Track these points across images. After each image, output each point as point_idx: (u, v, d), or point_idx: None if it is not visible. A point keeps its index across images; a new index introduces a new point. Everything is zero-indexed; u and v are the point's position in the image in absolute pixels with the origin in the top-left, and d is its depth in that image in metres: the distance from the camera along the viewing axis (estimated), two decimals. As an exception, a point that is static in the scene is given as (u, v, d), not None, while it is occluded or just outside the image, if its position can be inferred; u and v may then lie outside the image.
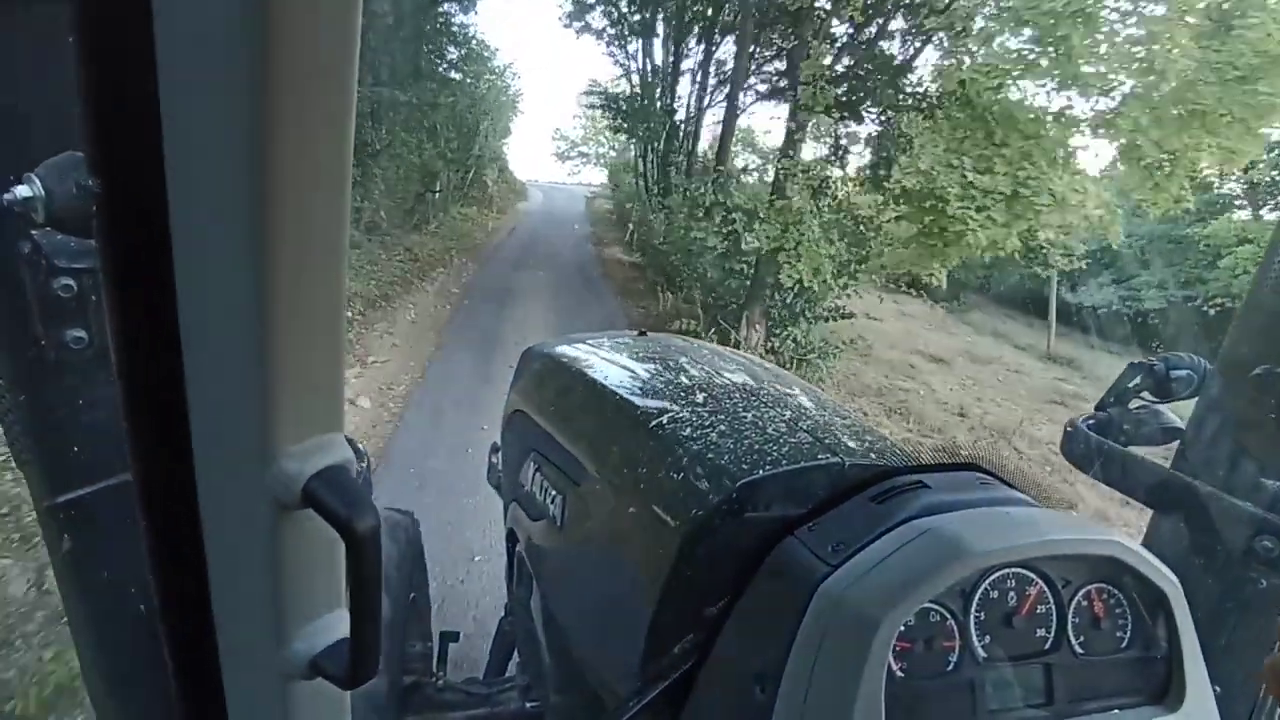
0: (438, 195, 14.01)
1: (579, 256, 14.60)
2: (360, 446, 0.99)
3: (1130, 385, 1.33)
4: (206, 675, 0.54)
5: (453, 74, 13.96)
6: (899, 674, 0.66)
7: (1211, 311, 11.91)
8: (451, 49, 13.70)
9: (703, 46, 13.80)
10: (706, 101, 14.16)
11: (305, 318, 0.45)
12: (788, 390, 1.31)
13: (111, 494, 0.66)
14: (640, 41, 15.15)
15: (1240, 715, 0.79)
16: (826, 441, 0.96)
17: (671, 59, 14.43)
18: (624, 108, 14.98)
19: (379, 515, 0.47)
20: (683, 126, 14.68)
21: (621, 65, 15.66)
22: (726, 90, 12.10)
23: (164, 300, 0.44)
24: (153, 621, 0.53)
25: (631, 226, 15.10)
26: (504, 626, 1.83)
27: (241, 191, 0.42)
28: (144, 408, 0.47)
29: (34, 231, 0.62)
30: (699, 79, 13.93)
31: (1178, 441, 1.29)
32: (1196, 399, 1.26)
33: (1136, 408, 1.34)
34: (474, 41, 14.92)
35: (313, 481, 0.46)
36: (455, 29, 13.65)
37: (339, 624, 0.53)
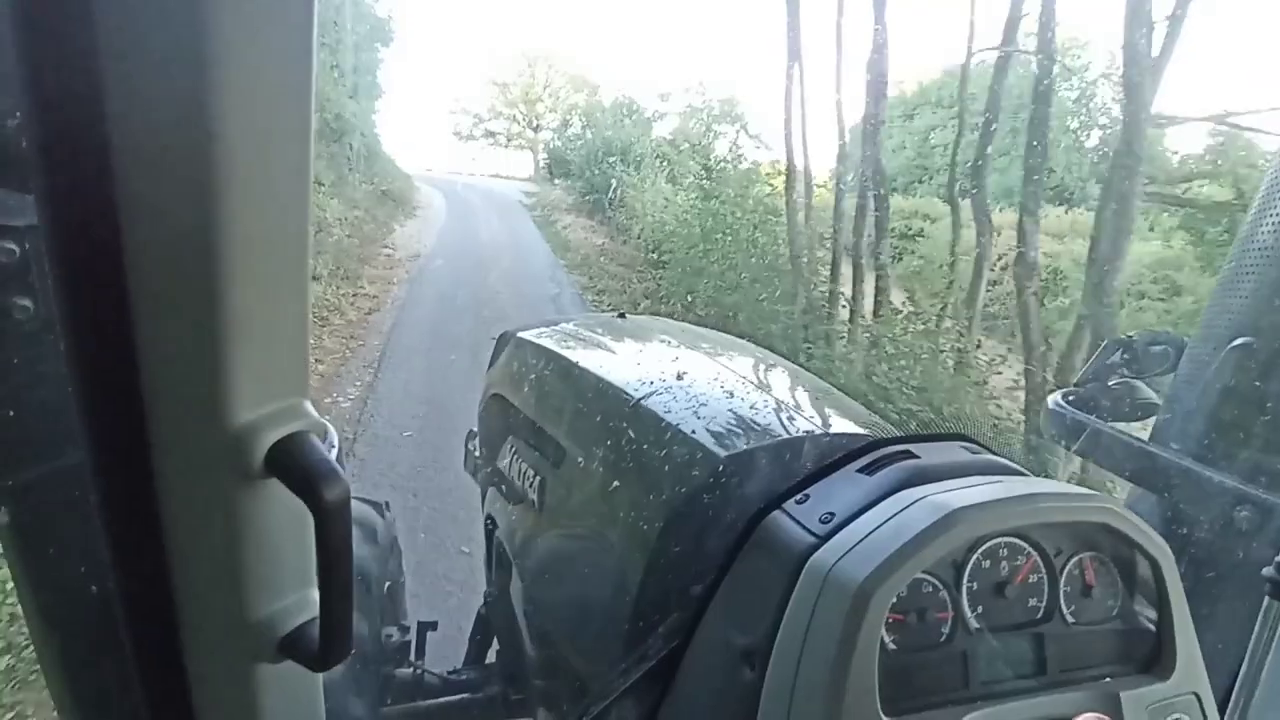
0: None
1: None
2: (329, 425, 0.95)
3: (1108, 362, 1.34)
4: (169, 658, 0.50)
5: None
6: (891, 646, 0.65)
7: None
8: None
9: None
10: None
11: (266, 276, 0.42)
12: (769, 367, 1.30)
13: (63, 472, 0.62)
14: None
15: (1220, 685, 0.79)
16: (810, 414, 0.95)
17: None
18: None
19: (348, 483, 0.44)
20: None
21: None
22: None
23: (112, 259, 0.41)
24: (111, 603, 0.50)
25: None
26: (482, 613, 1.81)
27: (196, 137, 0.39)
28: (94, 376, 0.44)
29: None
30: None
31: (1155, 416, 1.30)
32: (1174, 374, 1.27)
33: (1114, 383, 1.35)
34: None
35: (276, 449, 0.43)
36: None
37: (310, 603, 0.50)
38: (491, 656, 1.73)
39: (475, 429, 1.77)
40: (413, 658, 1.68)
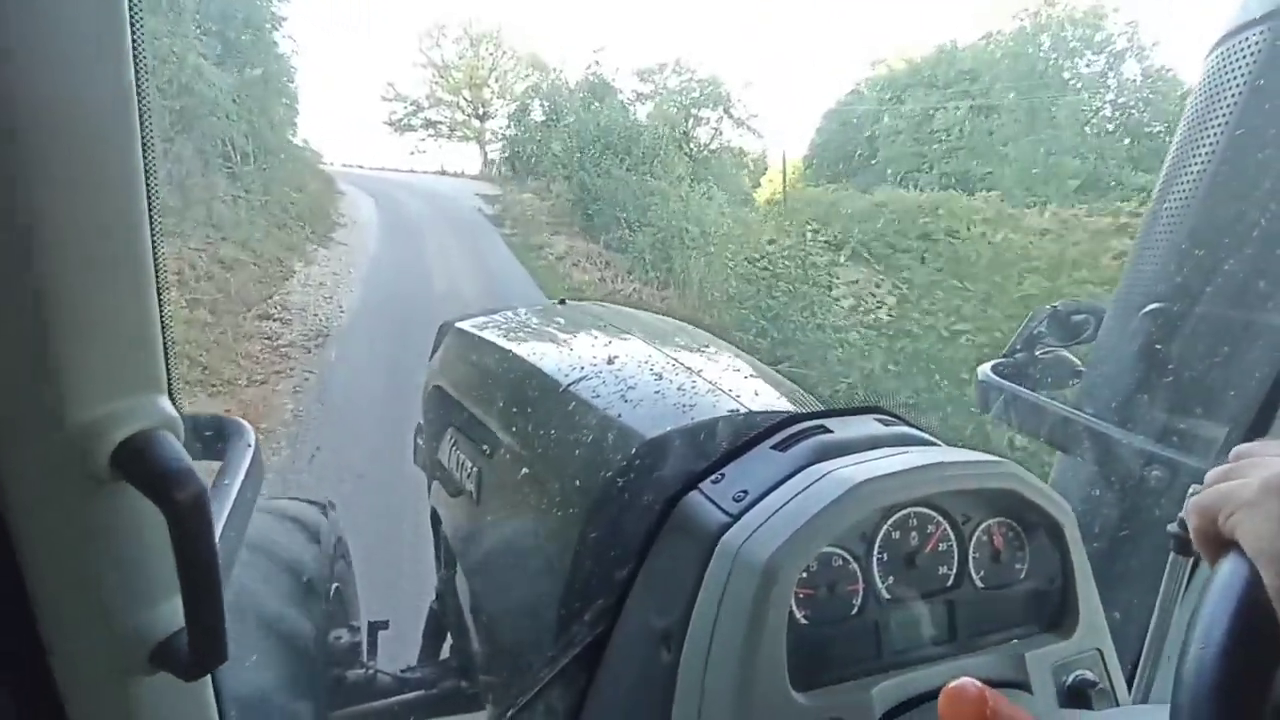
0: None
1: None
2: (247, 426, 0.92)
3: (1034, 331, 1.38)
4: (37, 675, 0.48)
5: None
6: (802, 621, 0.65)
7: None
8: None
9: None
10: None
11: (100, 264, 0.40)
12: (701, 347, 1.30)
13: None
14: None
15: (1135, 637, 0.82)
16: (735, 393, 0.95)
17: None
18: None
19: (202, 483, 0.41)
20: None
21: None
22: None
23: None
24: None
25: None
26: (434, 608, 1.79)
27: (16, 96, 0.36)
28: None
29: None
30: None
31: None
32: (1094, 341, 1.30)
33: (1041, 352, 1.38)
34: None
35: (122, 448, 0.40)
36: None
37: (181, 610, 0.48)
38: (447, 651, 1.71)
39: (422, 423, 1.74)
40: (364, 658, 1.65)
